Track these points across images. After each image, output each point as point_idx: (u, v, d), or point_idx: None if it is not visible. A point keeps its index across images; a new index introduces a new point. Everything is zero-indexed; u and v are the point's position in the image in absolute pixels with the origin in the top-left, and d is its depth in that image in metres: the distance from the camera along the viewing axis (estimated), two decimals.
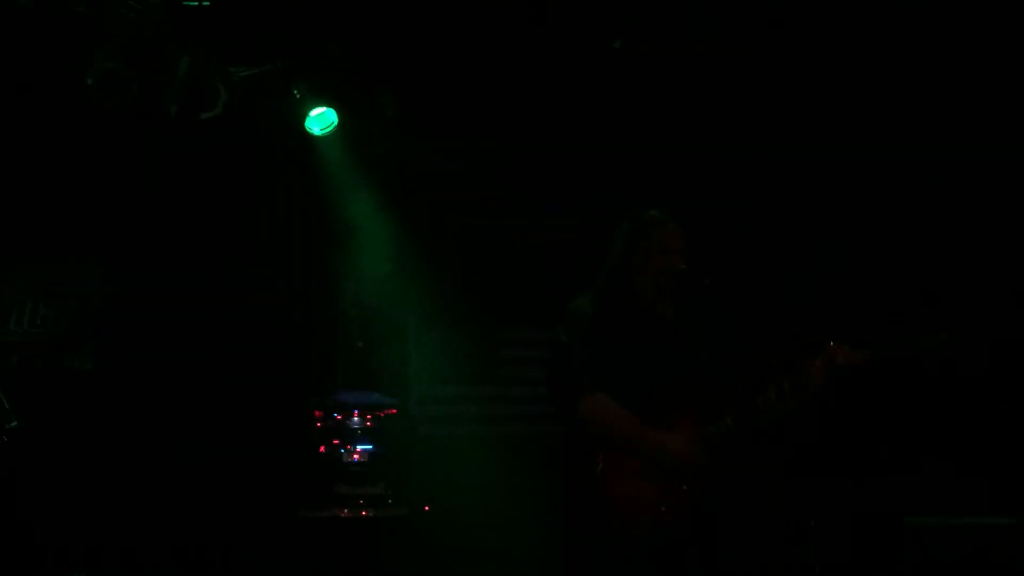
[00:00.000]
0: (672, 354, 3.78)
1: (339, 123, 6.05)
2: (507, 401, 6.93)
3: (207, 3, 5.20)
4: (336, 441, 6.01)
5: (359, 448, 6.02)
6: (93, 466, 5.74)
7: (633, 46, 5.75)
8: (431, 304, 6.82)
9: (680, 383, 3.74)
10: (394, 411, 6.19)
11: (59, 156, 5.92)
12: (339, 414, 6.07)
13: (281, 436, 6.15)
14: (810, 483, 5.52)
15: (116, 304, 6.07)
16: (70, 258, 6.09)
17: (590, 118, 6.34)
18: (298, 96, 5.91)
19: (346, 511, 5.88)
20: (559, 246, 6.66)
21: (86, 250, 6.08)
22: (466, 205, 6.65)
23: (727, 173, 6.19)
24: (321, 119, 6.00)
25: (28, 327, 5.99)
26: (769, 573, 5.32)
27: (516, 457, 6.47)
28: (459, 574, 6.04)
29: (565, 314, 3.84)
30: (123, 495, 5.82)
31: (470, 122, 6.35)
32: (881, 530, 5.45)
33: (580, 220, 6.44)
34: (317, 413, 6.07)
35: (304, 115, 6.00)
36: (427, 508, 6.03)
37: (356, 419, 6.07)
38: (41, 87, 5.69)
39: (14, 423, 4.77)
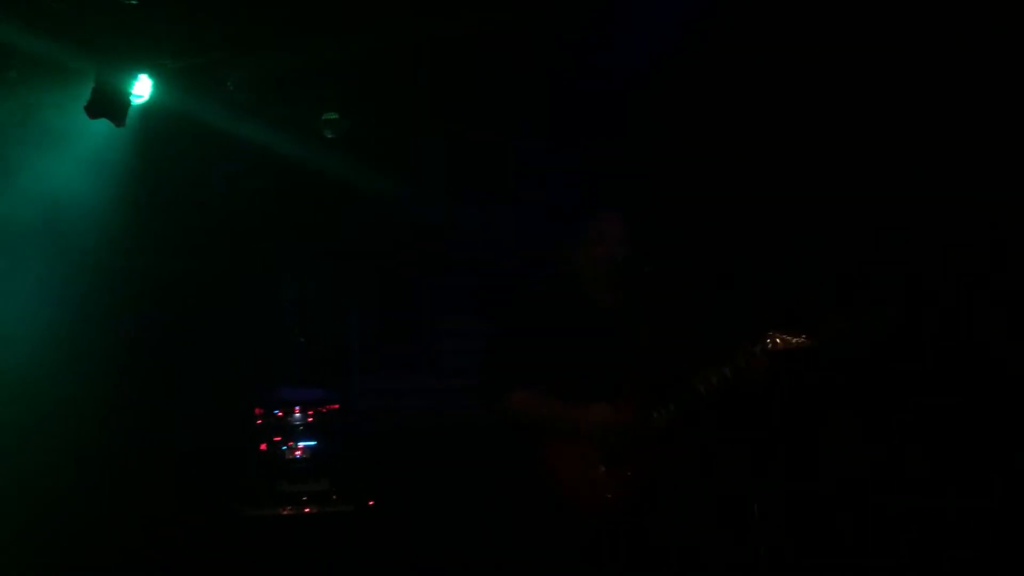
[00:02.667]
0: (612, 342, 3.80)
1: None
2: (450, 393, 6.90)
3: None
4: (278, 438, 5.96)
5: (301, 445, 5.97)
6: (28, 465, 5.62)
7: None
8: (372, 297, 6.77)
9: (619, 371, 3.76)
10: (336, 406, 6.14)
11: None
12: (280, 411, 6.01)
13: (222, 434, 6.07)
14: (753, 468, 5.57)
15: (51, 301, 5.92)
16: None
17: (537, 110, 6.30)
18: (231, 88, 5.80)
19: (289, 509, 5.83)
20: (503, 237, 6.63)
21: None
22: (403, 196, 6.59)
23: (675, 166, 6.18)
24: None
25: None
26: (714, 555, 5.36)
27: (461, 449, 6.45)
28: (406, 569, 6.01)
29: (507, 306, 3.86)
30: (59, 496, 5.70)
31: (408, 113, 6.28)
32: (823, 510, 5.52)
33: (523, 211, 6.41)
34: (258, 411, 6.00)
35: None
36: (372, 503, 6.00)
37: (298, 415, 6.02)
38: None
39: None
